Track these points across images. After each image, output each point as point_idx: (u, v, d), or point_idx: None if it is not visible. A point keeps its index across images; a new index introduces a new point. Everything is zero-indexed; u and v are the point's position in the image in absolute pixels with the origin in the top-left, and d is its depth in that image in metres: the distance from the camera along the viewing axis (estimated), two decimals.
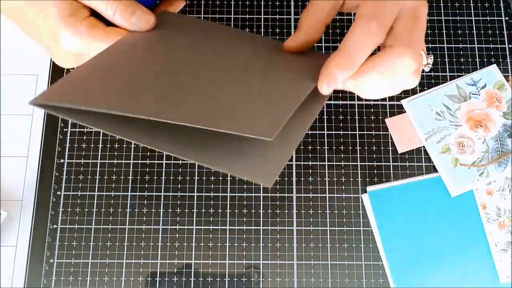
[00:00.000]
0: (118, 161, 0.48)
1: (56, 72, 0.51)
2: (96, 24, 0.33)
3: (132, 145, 0.48)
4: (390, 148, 0.48)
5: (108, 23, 0.33)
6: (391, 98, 0.50)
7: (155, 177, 0.48)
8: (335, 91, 0.50)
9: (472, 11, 0.52)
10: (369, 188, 0.47)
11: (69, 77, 0.29)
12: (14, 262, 1.23)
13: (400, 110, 0.49)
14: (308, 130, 0.48)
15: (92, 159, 0.48)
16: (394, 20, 0.31)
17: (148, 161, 0.48)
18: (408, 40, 0.30)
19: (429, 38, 0.51)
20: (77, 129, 0.49)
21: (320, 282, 0.45)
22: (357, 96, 0.50)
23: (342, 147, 0.48)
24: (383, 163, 0.48)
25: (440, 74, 0.50)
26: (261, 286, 0.45)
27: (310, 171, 0.48)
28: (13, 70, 1.36)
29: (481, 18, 0.52)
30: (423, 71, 0.33)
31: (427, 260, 0.45)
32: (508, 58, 0.51)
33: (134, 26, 0.33)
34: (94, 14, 0.33)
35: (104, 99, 0.27)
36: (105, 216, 0.47)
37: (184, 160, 0.48)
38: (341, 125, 0.49)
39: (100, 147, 0.48)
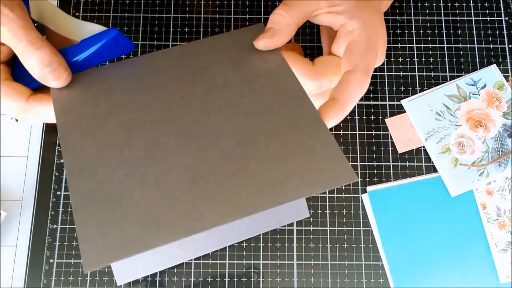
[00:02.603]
0: None
1: None
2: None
3: None
4: (390, 148, 0.48)
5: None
6: (391, 98, 0.50)
7: None
8: None
9: (472, 11, 0.52)
10: (369, 188, 0.47)
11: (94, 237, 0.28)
12: (14, 262, 1.23)
13: (400, 110, 0.49)
14: None
15: None
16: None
17: None
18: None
19: (429, 38, 0.51)
20: None
21: (320, 282, 0.45)
22: None
23: (342, 147, 0.48)
24: (383, 163, 0.48)
25: (440, 74, 0.50)
26: (261, 286, 0.45)
27: None
28: None
29: (481, 18, 0.52)
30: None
31: (427, 260, 0.45)
32: (508, 58, 0.51)
33: (44, 78, 0.31)
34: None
35: (142, 241, 0.27)
36: None
37: None
38: (341, 125, 0.49)
39: None
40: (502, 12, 0.52)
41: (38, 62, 0.30)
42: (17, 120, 0.36)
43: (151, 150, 0.31)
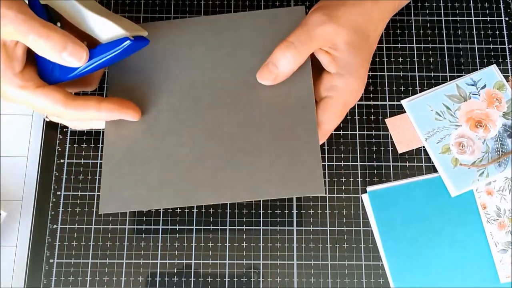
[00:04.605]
0: None
1: None
2: (32, 78, 0.31)
3: None
4: (390, 148, 0.48)
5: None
6: (391, 98, 0.50)
7: None
8: None
9: (472, 11, 0.52)
10: (369, 188, 0.47)
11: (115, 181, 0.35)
12: (14, 262, 1.23)
13: (400, 110, 0.49)
14: None
15: (92, 159, 0.48)
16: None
17: None
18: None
19: (429, 38, 0.51)
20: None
21: (320, 282, 0.45)
22: None
23: (342, 147, 0.48)
24: (383, 163, 0.48)
25: (440, 74, 0.50)
26: (261, 286, 0.45)
27: None
28: None
29: (481, 18, 0.52)
30: None
31: (427, 260, 0.45)
32: (508, 58, 0.51)
33: (66, 62, 0.31)
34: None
35: (157, 200, 0.34)
36: (105, 216, 0.47)
37: None
38: (341, 125, 0.49)
39: (100, 147, 0.48)
40: (502, 12, 0.52)
41: (52, 50, 0.30)
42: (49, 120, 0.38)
43: (172, 123, 0.36)
